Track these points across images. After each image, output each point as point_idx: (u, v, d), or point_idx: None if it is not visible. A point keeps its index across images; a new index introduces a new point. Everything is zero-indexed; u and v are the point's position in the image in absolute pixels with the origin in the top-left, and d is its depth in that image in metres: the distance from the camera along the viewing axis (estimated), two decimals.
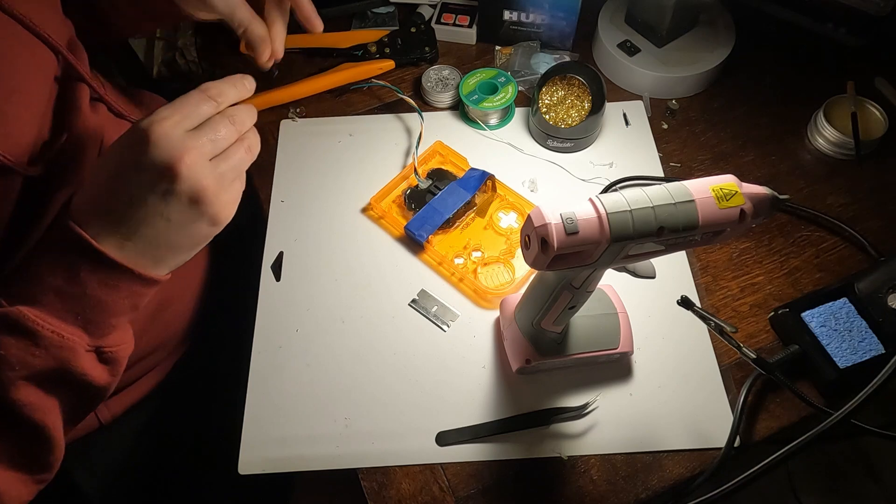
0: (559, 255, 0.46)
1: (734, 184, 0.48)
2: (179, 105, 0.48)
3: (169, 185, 0.46)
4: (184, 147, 0.46)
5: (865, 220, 0.76)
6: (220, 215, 0.50)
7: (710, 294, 0.72)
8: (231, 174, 0.50)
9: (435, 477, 0.63)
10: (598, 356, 0.65)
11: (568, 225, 0.45)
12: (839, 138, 0.80)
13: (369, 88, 0.89)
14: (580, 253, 0.47)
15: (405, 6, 0.98)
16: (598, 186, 0.79)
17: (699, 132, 0.85)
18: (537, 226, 0.46)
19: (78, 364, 0.49)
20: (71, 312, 0.49)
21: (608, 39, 0.89)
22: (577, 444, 0.64)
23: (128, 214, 0.48)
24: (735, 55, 0.87)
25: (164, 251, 0.51)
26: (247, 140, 0.52)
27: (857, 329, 0.65)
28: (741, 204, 0.47)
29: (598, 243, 0.46)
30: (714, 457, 0.62)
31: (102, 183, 0.48)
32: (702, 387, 0.66)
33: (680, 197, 0.46)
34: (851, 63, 0.89)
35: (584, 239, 0.45)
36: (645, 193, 0.46)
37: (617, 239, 0.45)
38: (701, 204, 0.46)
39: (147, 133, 0.46)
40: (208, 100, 0.50)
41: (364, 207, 0.79)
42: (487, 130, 0.85)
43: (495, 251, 0.75)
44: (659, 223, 0.46)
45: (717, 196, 0.47)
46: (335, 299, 0.73)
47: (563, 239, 0.45)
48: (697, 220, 0.46)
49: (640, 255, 0.49)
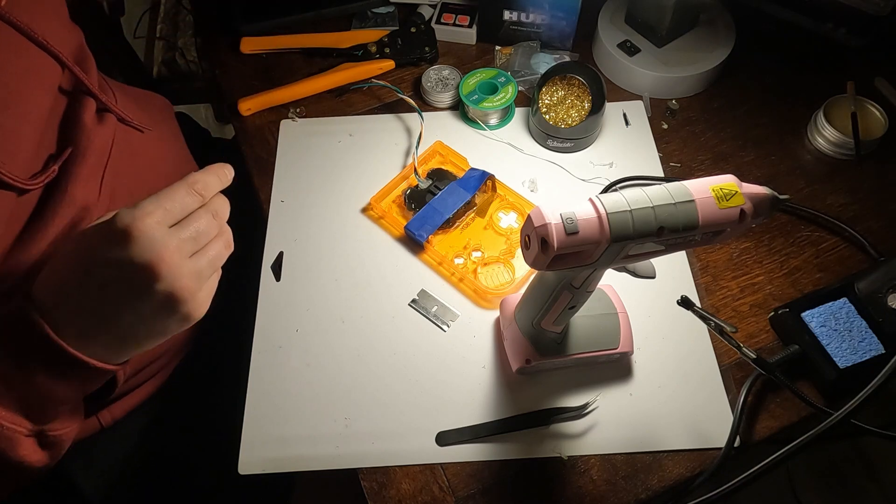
0: (559, 255, 0.46)
1: (734, 184, 0.48)
2: (164, 199, 0.46)
3: (146, 283, 0.44)
4: (165, 246, 0.45)
5: (865, 220, 0.76)
6: (194, 313, 0.48)
7: (710, 294, 0.72)
8: (209, 270, 0.48)
9: (435, 477, 0.63)
10: (598, 356, 0.65)
11: (568, 225, 0.45)
12: (839, 138, 0.80)
13: (369, 88, 0.89)
14: (580, 253, 0.47)
15: (405, 6, 0.98)
16: (598, 186, 0.79)
17: (699, 132, 0.85)
18: (537, 226, 0.46)
19: (16, 452, 0.47)
20: (14, 399, 0.46)
21: (608, 39, 0.89)
22: (577, 444, 0.64)
23: (95, 308, 0.45)
24: (735, 55, 0.87)
25: (129, 344, 0.48)
26: (225, 233, 0.51)
27: (857, 329, 0.65)
28: (741, 204, 0.47)
29: (598, 243, 0.46)
30: (714, 457, 0.62)
31: (71, 271, 0.46)
32: (702, 387, 0.66)
33: (680, 197, 0.46)
34: (851, 63, 0.89)
35: (584, 239, 0.45)
36: (645, 193, 0.46)
37: (617, 239, 0.45)
38: (701, 204, 0.46)
39: (129, 229, 0.44)
40: (194, 194, 0.48)
41: (364, 207, 0.79)
42: (487, 130, 0.85)
43: (495, 251, 0.75)
44: (659, 223, 0.46)
45: (717, 196, 0.47)
46: (335, 299, 0.73)
47: (563, 239, 0.45)
48: (697, 220, 0.46)
49: (641, 255, 0.49)
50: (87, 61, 0.62)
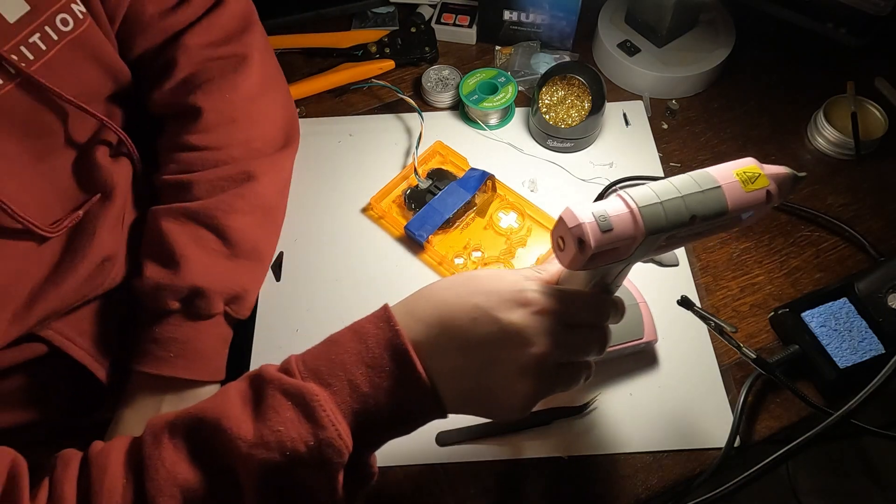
0: (595, 254, 0.46)
1: (756, 166, 0.49)
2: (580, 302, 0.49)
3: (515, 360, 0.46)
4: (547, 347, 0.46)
5: (865, 220, 0.76)
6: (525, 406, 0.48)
7: (710, 294, 0.72)
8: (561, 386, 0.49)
9: (435, 477, 0.63)
10: (624, 348, 0.65)
11: (602, 223, 0.45)
12: (839, 138, 0.80)
13: (369, 88, 0.89)
14: (616, 249, 0.47)
15: (405, 6, 0.98)
16: (598, 186, 0.79)
17: (699, 132, 0.85)
18: (571, 226, 0.46)
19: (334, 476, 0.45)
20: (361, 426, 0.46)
21: (608, 39, 0.89)
22: (577, 444, 0.64)
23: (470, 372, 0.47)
24: (735, 55, 0.87)
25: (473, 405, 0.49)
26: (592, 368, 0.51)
27: (857, 329, 0.65)
28: (766, 185, 0.48)
29: (634, 238, 0.46)
30: (714, 457, 0.62)
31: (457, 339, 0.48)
32: (702, 387, 0.66)
33: (706, 184, 0.47)
34: (851, 63, 0.89)
35: (618, 235, 0.45)
36: (671, 184, 0.47)
37: (651, 232, 0.45)
38: (728, 189, 0.47)
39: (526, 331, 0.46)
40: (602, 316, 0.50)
41: (364, 207, 0.79)
42: (487, 130, 0.85)
43: (495, 251, 0.75)
44: (691, 212, 0.46)
45: (741, 180, 0.48)
46: (335, 299, 0.73)
47: (599, 237, 0.45)
48: (727, 206, 0.47)
49: (670, 245, 0.50)
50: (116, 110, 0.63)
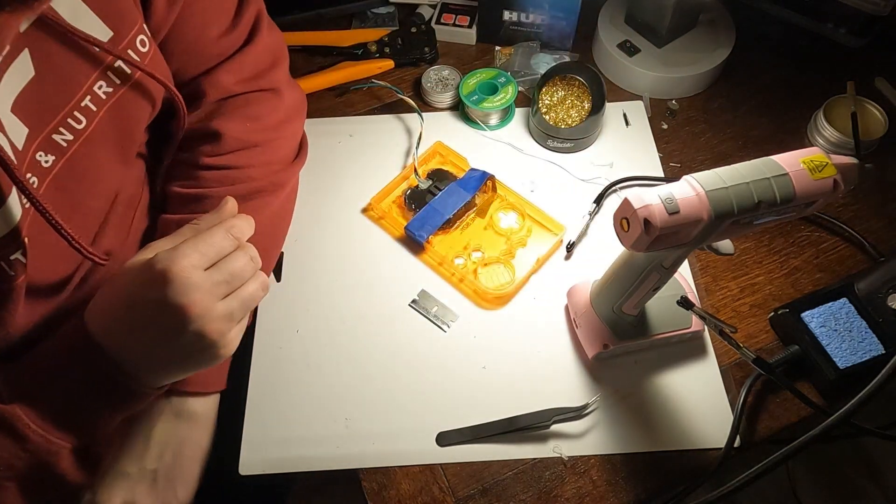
0: (659, 236, 0.46)
1: (823, 155, 0.49)
2: (201, 243, 0.49)
3: (180, 324, 0.47)
4: (198, 289, 0.47)
5: (865, 220, 0.76)
6: (223, 351, 0.50)
7: (710, 294, 0.72)
8: (240, 312, 0.51)
9: (435, 477, 0.63)
10: (672, 336, 0.65)
11: (668, 205, 0.46)
12: (839, 138, 0.80)
13: (369, 89, 0.89)
14: (678, 233, 0.47)
15: (405, 6, 0.98)
16: (598, 187, 0.79)
17: (699, 132, 0.85)
18: (638, 208, 0.46)
19: (59, 466, 0.51)
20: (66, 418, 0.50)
21: (608, 39, 0.89)
22: (577, 444, 0.64)
23: (137, 340, 0.49)
24: (735, 55, 0.87)
25: (162, 375, 0.52)
26: (260, 276, 0.52)
27: (857, 329, 0.65)
28: (834, 174, 0.48)
29: (700, 221, 0.46)
30: (714, 457, 0.62)
31: (118, 307, 0.49)
32: (702, 387, 0.66)
33: (773, 171, 0.47)
34: (851, 63, 0.89)
35: (685, 217, 0.46)
36: (737, 170, 0.47)
37: (719, 216, 0.46)
38: (795, 176, 0.47)
39: (166, 273, 0.46)
40: (230, 238, 0.50)
41: (364, 208, 0.79)
42: (487, 131, 0.85)
43: (495, 251, 0.75)
44: (758, 198, 0.46)
45: (808, 168, 0.48)
46: (336, 300, 0.73)
47: (665, 219, 0.46)
48: (794, 193, 0.47)
49: (731, 232, 0.50)
50: None
